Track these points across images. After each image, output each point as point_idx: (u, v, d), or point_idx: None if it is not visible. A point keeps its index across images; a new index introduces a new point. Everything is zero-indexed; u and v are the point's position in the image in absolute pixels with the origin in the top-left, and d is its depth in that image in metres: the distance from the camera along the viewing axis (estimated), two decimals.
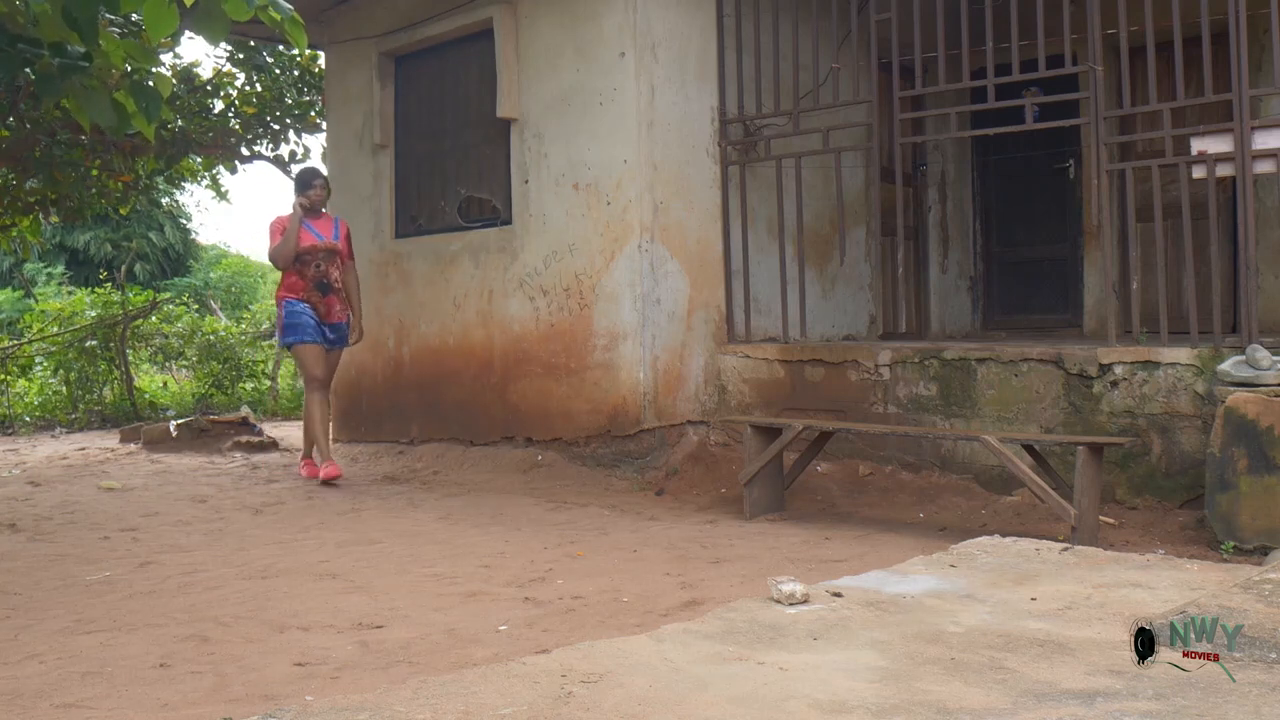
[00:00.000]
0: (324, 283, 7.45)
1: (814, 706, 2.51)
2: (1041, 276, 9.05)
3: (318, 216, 7.57)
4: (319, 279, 7.43)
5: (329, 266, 7.46)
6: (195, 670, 3.29)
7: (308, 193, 7.51)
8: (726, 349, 7.08)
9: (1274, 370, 4.79)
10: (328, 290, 7.46)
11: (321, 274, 7.43)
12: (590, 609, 3.98)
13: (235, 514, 6.28)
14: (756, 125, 7.19)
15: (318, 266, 7.41)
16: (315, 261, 7.41)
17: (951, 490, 5.95)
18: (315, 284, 7.42)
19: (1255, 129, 5.46)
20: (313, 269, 7.40)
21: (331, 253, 7.48)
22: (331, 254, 7.48)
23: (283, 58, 11.98)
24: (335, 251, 7.51)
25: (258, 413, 12.23)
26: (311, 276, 7.41)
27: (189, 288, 23.78)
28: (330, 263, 7.48)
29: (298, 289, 7.42)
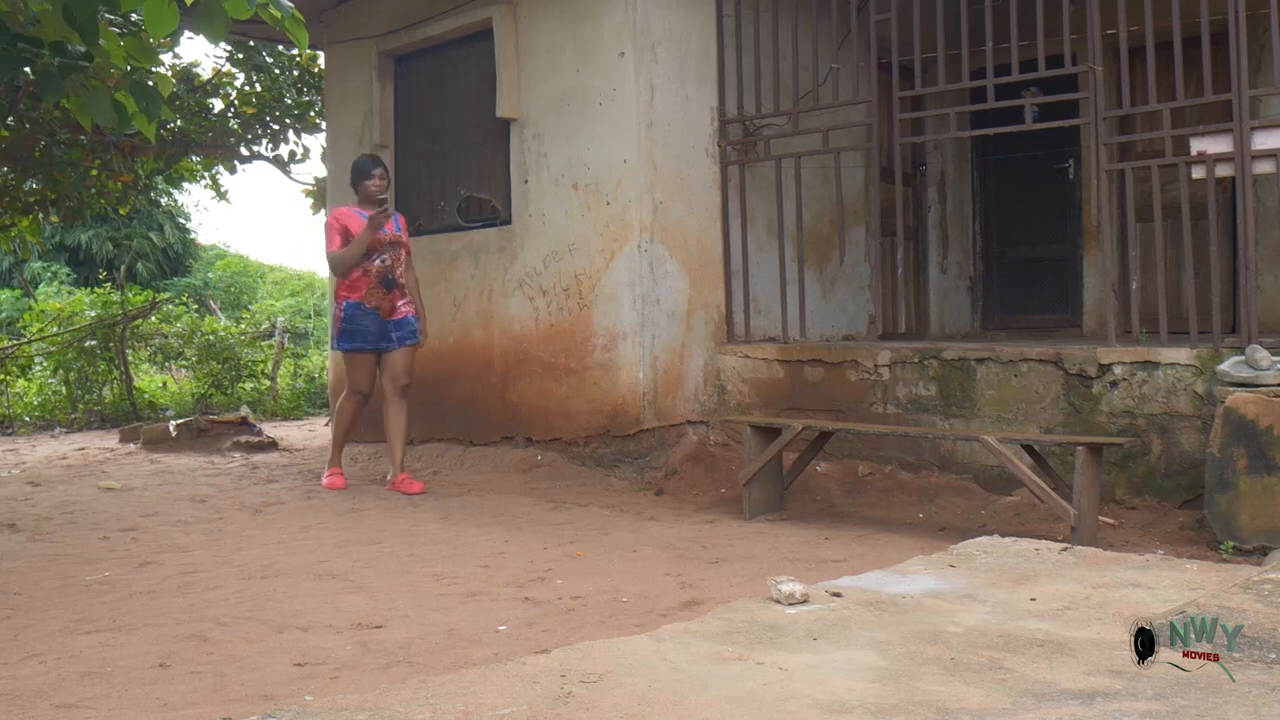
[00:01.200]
0: (389, 279, 6.93)
1: (813, 706, 2.51)
2: (1041, 276, 9.05)
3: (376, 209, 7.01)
4: (384, 275, 6.92)
5: (394, 261, 6.96)
6: (194, 670, 3.29)
7: (366, 183, 7.00)
8: (726, 349, 7.08)
9: (1273, 370, 4.79)
10: (392, 286, 6.95)
11: (386, 269, 6.92)
12: (590, 609, 3.98)
13: (235, 514, 6.28)
14: (756, 125, 7.19)
15: (383, 262, 6.90)
16: (380, 257, 6.90)
17: (951, 490, 5.95)
18: (380, 280, 6.91)
19: (1255, 129, 5.46)
20: (377, 265, 6.89)
21: (396, 246, 6.98)
22: (396, 248, 6.98)
23: (282, 58, 11.99)
24: (400, 245, 7.01)
25: (257, 413, 12.23)
26: (376, 273, 6.89)
27: (188, 287, 23.79)
28: (395, 257, 6.96)
29: (360, 287, 6.89)
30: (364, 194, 6.98)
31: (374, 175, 6.97)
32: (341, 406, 7.18)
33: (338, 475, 7.15)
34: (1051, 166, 8.80)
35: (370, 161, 7.07)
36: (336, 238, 6.89)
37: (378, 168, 7.02)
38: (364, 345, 6.91)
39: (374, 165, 7.03)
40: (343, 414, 7.16)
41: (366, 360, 6.97)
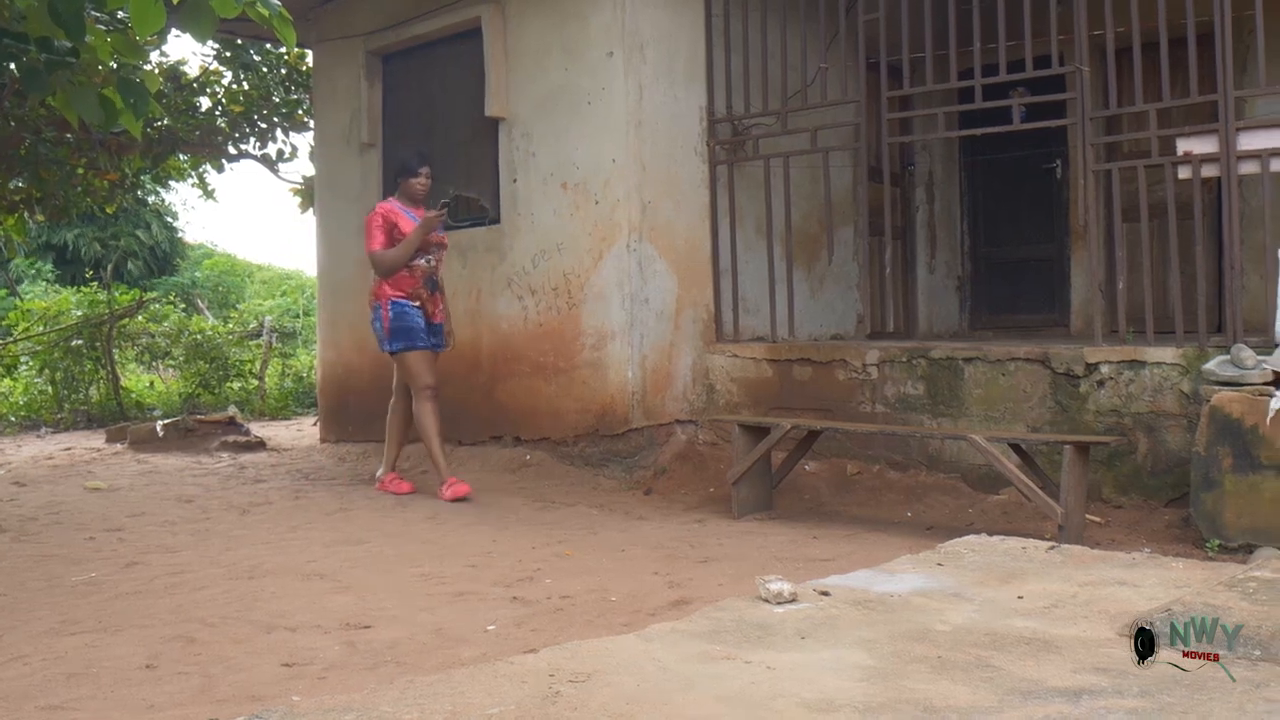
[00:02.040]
0: (433, 279, 6.73)
1: (801, 705, 2.51)
2: (1028, 276, 9.08)
3: (418, 207, 6.76)
4: (430, 276, 6.70)
5: (438, 264, 6.79)
6: (181, 671, 3.28)
7: (411, 181, 6.72)
8: (715, 348, 7.08)
9: (1258, 370, 4.81)
10: (435, 288, 6.76)
11: (432, 270, 6.71)
12: (578, 608, 3.98)
13: (222, 514, 6.26)
14: (745, 125, 7.19)
15: (428, 262, 6.69)
16: (426, 257, 6.68)
17: (939, 489, 5.96)
18: (425, 281, 6.69)
19: (1240, 130, 5.49)
20: (424, 265, 6.66)
21: (441, 248, 6.82)
22: (441, 249, 6.82)
23: (270, 56, 11.97)
24: (444, 247, 6.87)
25: (245, 412, 12.19)
26: (423, 273, 6.66)
27: (176, 287, 23.71)
28: (439, 258, 6.81)
29: (406, 286, 6.62)
30: (408, 192, 6.73)
31: (420, 174, 6.72)
32: (420, 413, 6.66)
33: (457, 483, 6.55)
34: (1039, 166, 8.82)
35: (416, 159, 6.81)
36: (380, 235, 6.60)
37: (424, 165, 6.76)
38: (418, 343, 6.63)
39: (420, 163, 6.77)
40: (425, 420, 6.64)
41: (427, 356, 6.67)
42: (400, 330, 6.60)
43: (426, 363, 6.66)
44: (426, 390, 6.63)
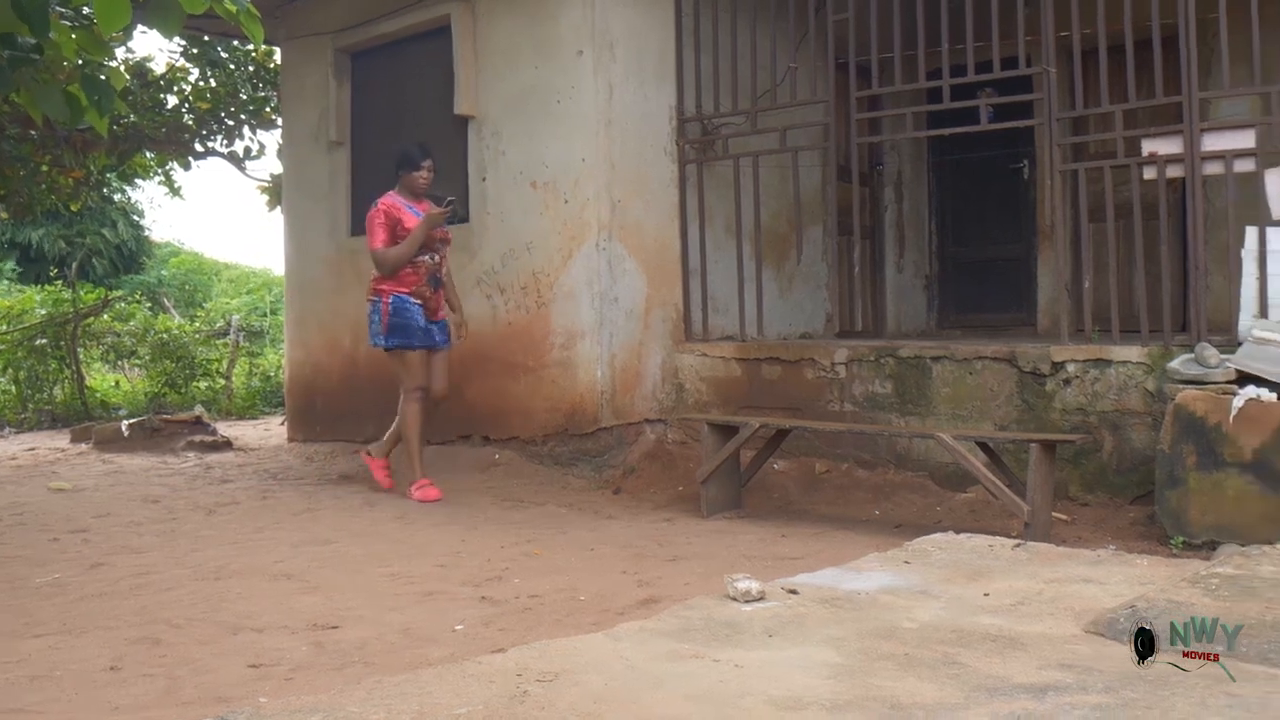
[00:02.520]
0: (435, 276, 6.57)
1: (769, 703, 2.52)
2: (996, 275, 9.13)
3: (420, 202, 6.61)
4: (433, 273, 6.55)
5: (442, 260, 6.63)
6: (147, 673, 3.26)
7: (413, 175, 6.57)
8: (684, 347, 7.09)
9: (1222, 368, 4.86)
10: (438, 285, 6.60)
11: (435, 267, 6.56)
12: (547, 608, 3.97)
13: (188, 514, 6.22)
14: (714, 124, 7.21)
15: (432, 259, 6.53)
16: (430, 253, 6.52)
17: (907, 487, 5.99)
18: (429, 278, 6.53)
19: (1204, 131, 5.54)
20: (427, 261, 6.51)
21: (445, 243, 6.67)
22: (445, 244, 6.67)
23: (238, 53, 11.89)
24: (448, 242, 6.70)
25: (212, 412, 12.11)
26: (426, 270, 6.51)
27: (142, 285, 23.51)
28: (443, 254, 6.65)
29: (409, 283, 6.46)
30: (410, 186, 6.59)
31: (422, 167, 6.58)
32: (406, 412, 6.62)
33: (428, 486, 6.48)
34: (1007, 167, 8.88)
35: (419, 152, 6.64)
36: (382, 232, 6.44)
37: (426, 159, 6.61)
38: (415, 341, 6.49)
39: (422, 156, 6.62)
40: (410, 419, 6.60)
41: (420, 356, 6.54)
42: (398, 327, 6.47)
43: (420, 363, 6.55)
44: (416, 391, 6.55)
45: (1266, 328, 5.07)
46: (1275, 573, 3.58)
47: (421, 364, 6.55)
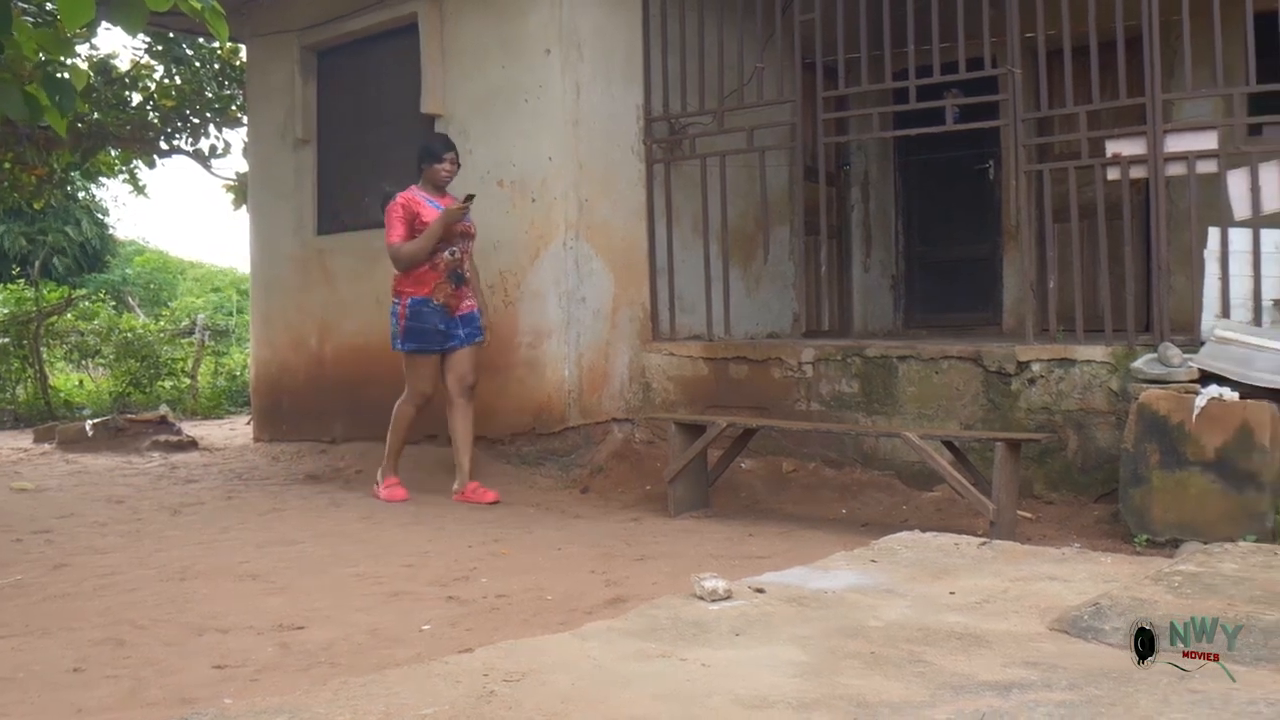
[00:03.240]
0: (457, 272, 6.36)
1: (736, 702, 2.52)
2: (962, 275, 9.18)
3: (443, 195, 6.46)
4: (453, 269, 6.35)
5: (464, 254, 6.41)
6: (111, 675, 3.23)
7: (436, 167, 6.39)
8: (651, 347, 7.09)
9: (1185, 368, 4.91)
10: (460, 281, 6.39)
11: (456, 263, 6.35)
12: (514, 607, 3.97)
13: (153, 515, 6.17)
14: (682, 124, 7.21)
15: (453, 254, 6.33)
16: (450, 249, 6.32)
17: (874, 486, 6.02)
18: (449, 275, 6.34)
19: (1168, 132, 5.60)
20: (446, 258, 6.31)
21: (466, 236, 6.43)
22: (467, 240, 6.44)
23: (203, 50, 11.81)
24: (470, 237, 6.48)
25: (177, 411, 12.03)
26: (445, 267, 6.31)
27: (106, 284, 23.30)
28: (465, 250, 6.42)
29: (428, 282, 6.29)
30: (432, 178, 6.42)
31: (445, 159, 6.40)
32: (400, 411, 6.53)
33: (396, 486, 6.48)
34: (972, 167, 8.93)
35: (441, 143, 6.50)
36: (400, 226, 6.28)
37: (449, 151, 6.45)
38: (430, 346, 6.36)
39: (445, 148, 6.45)
40: (401, 418, 6.52)
41: (431, 361, 6.41)
42: (414, 331, 6.34)
43: (430, 369, 6.42)
44: (419, 396, 6.47)
45: (1229, 327, 5.12)
46: (1236, 570, 3.62)
47: (431, 370, 6.42)
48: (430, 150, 6.45)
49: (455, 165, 6.47)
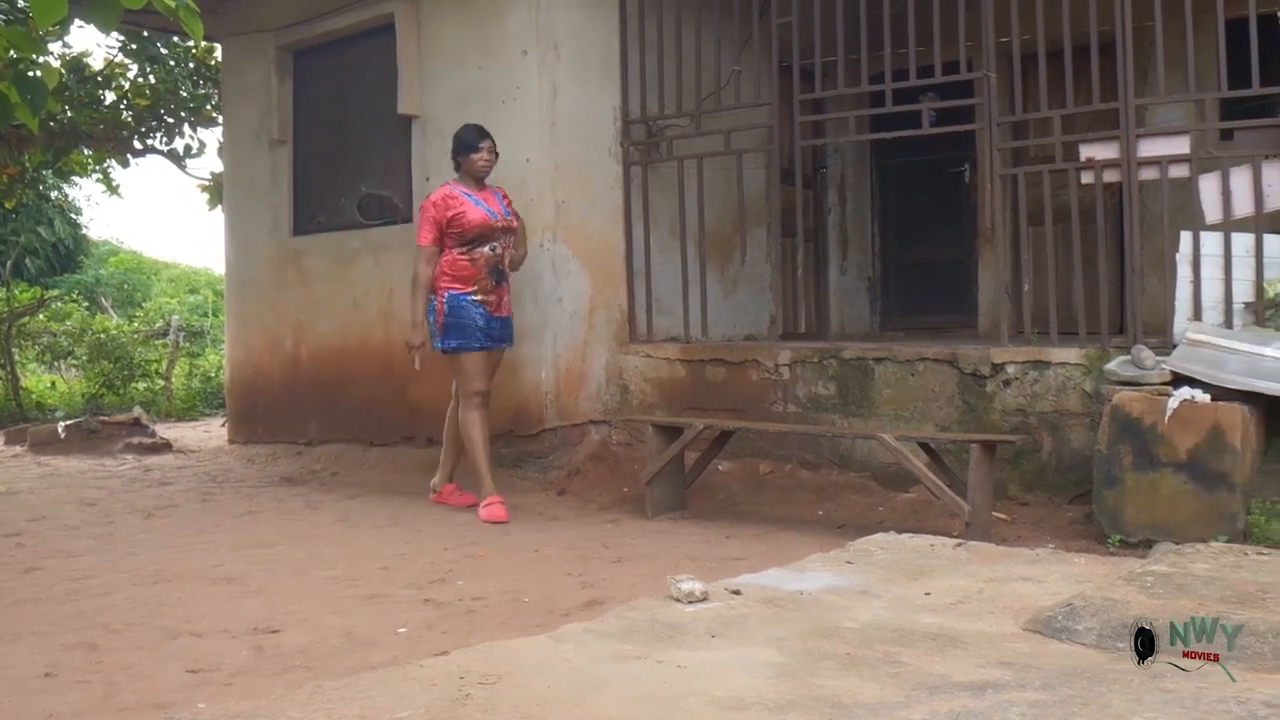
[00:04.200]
0: (498, 268, 6.08)
1: (712, 704, 2.53)
2: (938, 278, 9.22)
3: (483, 189, 6.14)
4: (493, 264, 6.05)
5: (504, 250, 6.12)
6: (83, 679, 3.21)
7: (472, 157, 6.07)
8: (629, 348, 7.09)
9: (1158, 370, 4.94)
10: (501, 278, 6.11)
11: (496, 258, 6.06)
12: (491, 610, 3.97)
13: (126, 517, 6.14)
14: (659, 126, 7.21)
15: (493, 250, 6.03)
16: (490, 244, 6.03)
17: (850, 488, 6.03)
18: (490, 271, 6.04)
19: (1141, 137, 5.64)
20: (486, 253, 6.01)
21: (507, 231, 6.13)
22: (507, 233, 6.13)
23: (178, 49, 11.73)
24: (511, 232, 6.17)
25: (150, 413, 11.94)
26: (485, 263, 6.02)
27: (79, 284, 23.14)
28: (506, 245, 6.12)
29: (467, 278, 5.98)
30: (469, 169, 6.11)
31: (480, 149, 6.07)
32: (463, 420, 6.09)
33: (497, 505, 5.91)
34: (948, 170, 8.96)
35: (476, 133, 6.13)
36: (430, 230, 5.98)
37: (485, 140, 6.09)
38: (474, 343, 6.02)
39: (480, 137, 6.10)
40: (469, 427, 6.06)
41: (476, 358, 6.04)
42: (454, 327, 5.99)
43: (479, 365, 6.07)
44: (476, 396, 6.07)
45: (1200, 330, 5.16)
46: (1208, 570, 3.65)
47: (481, 367, 6.08)
48: (464, 141, 6.13)
49: (493, 154, 6.14)
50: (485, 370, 6.10)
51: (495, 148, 6.15)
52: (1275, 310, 5.33)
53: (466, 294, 5.99)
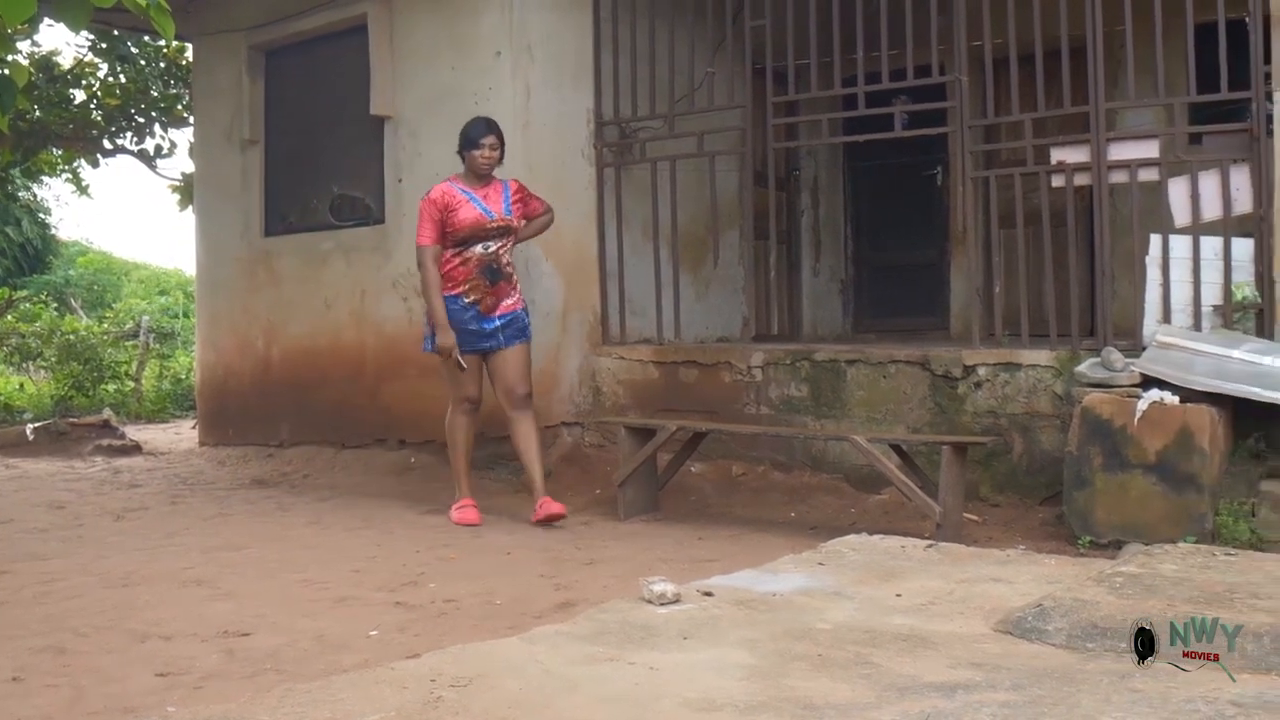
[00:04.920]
0: (493, 268, 5.83)
1: (684, 705, 2.53)
2: (910, 280, 9.24)
3: (484, 185, 5.93)
4: (486, 264, 5.82)
5: (499, 248, 5.87)
6: (51, 683, 3.18)
7: (473, 154, 5.85)
8: (601, 350, 7.08)
9: (1127, 372, 4.98)
10: (497, 277, 5.85)
11: (491, 258, 5.82)
12: (463, 612, 3.95)
13: (95, 520, 6.09)
14: (632, 128, 7.21)
15: (486, 249, 5.81)
16: (483, 243, 5.82)
17: (822, 489, 6.05)
18: (482, 271, 5.80)
19: (1111, 140, 5.68)
20: (479, 253, 5.80)
21: (505, 231, 5.89)
22: (505, 232, 5.89)
23: (148, 49, 11.66)
24: (509, 229, 5.92)
25: (120, 415, 11.84)
26: (477, 263, 5.80)
27: (48, 285, 22.95)
28: (502, 243, 5.88)
29: (458, 280, 5.79)
30: (471, 166, 5.91)
31: (482, 144, 5.85)
32: (448, 425, 6.00)
33: (469, 508, 5.86)
34: (921, 173, 8.99)
35: (481, 126, 5.90)
36: (428, 228, 5.79)
37: (488, 135, 5.86)
38: (465, 347, 5.81)
39: (484, 132, 5.87)
40: (451, 432, 5.98)
41: (469, 363, 5.85)
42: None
43: (467, 372, 5.88)
44: (462, 402, 5.93)
45: (1170, 333, 5.20)
46: (1176, 571, 3.68)
47: (469, 372, 5.89)
48: (466, 136, 5.92)
49: (496, 150, 5.90)
50: (478, 375, 5.93)
51: (500, 143, 5.94)
52: (1243, 313, 5.38)
53: (456, 296, 5.82)
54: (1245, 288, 5.35)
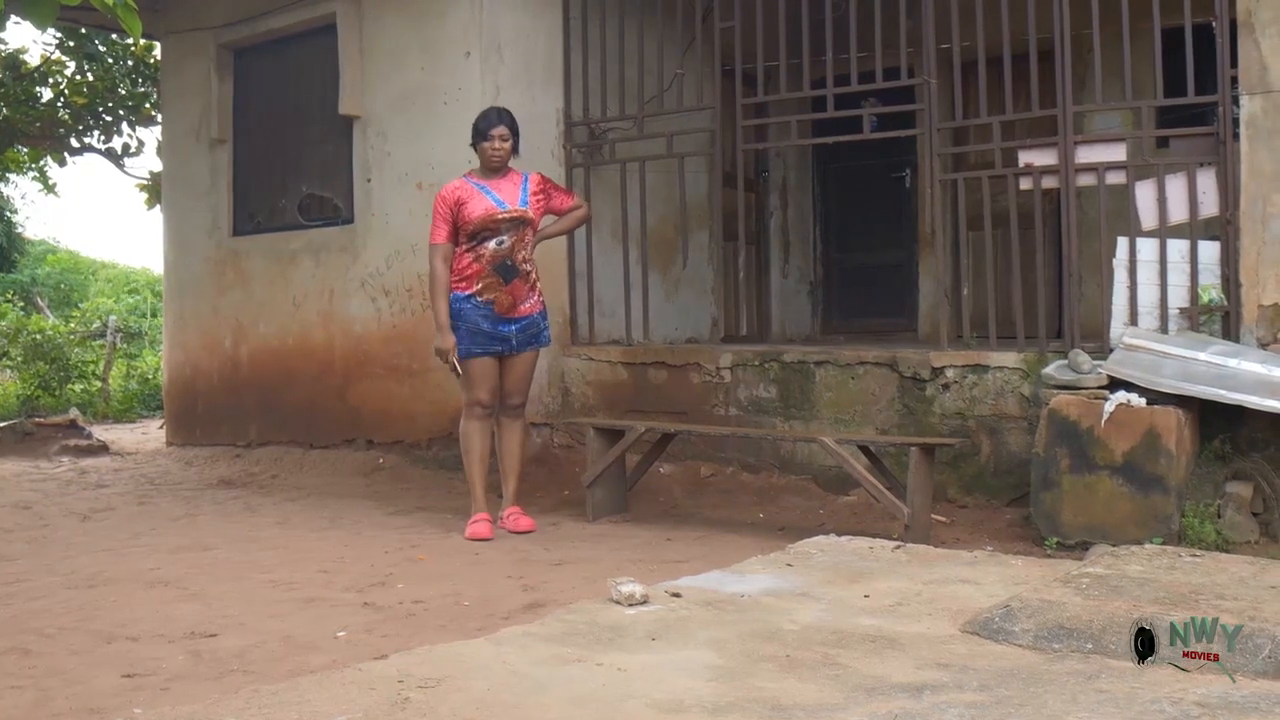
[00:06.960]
0: (507, 264, 5.47)
1: (651, 706, 2.53)
2: (879, 282, 9.28)
3: (495, 177, 5.59)
4: (500, 260, 5.46)
5: (515, 242, 5.49)
6: (15, 685, 3.15)
7: (483, 145, 5.53)
8: (570, 351, 7.08)
9: (1094, 374, 5.01)
10: (512, 274, 5.48)
11: (505, 253, 5.46)
12: (431, 613, 3.94)
13: (61, 521, 6.04)
14: (602, 128, 7.21)
15: (500, 244, 5.45)
16: (496, 237, 5.46)
17: (791, 490, 6.06)
18: (495, 267, 5.45)
19: (1078, 144, 5.71)
20: (492, 248, 5.45)
21: (519, 223, 5.50)
22: (519, 224, 5.50)
23: (116, 47, 11.58)
24: (525, 222, 5.54)
25: (87, 415, 11.75)
26: (490, 258, 5.44)
27: (14, 284, 22.73)
28: (517, 236, 5.49)
29: (470, 276, 5.45)
30: (482, 158, 5.60)
31: (492, 136, 5.52)
32: (465, 430, 5.64)
33: (483, 523, 5.49)
34: (889, 175, 9.03)
35: (491, 117, 5.59)
36: (441, 225, 5.48)
37: (498, 125, 5.53)
38: (475, 348, 5.49)
39: (494, 122, 5.55)
40: (468, 438, 5.62)
41: (481, 365, 5.51)
42: (455, 331, 5.50)
43: (482, 372, 5.53)
44: (474, 406, 5.59)
45: (1137, 335, 5.24)
46: (1142, 572, 3.71)
47: (484, 374, 5.54)
48: (475, 128, 5.62)
49: (507, 141, 5.56)
50: (490, 378, 5.57)
51: (510, 134, 5.58)
52: (1210, 316, 5.43)
53: (469, 294, 5.48)
54: (1211, 290, 5.40)
